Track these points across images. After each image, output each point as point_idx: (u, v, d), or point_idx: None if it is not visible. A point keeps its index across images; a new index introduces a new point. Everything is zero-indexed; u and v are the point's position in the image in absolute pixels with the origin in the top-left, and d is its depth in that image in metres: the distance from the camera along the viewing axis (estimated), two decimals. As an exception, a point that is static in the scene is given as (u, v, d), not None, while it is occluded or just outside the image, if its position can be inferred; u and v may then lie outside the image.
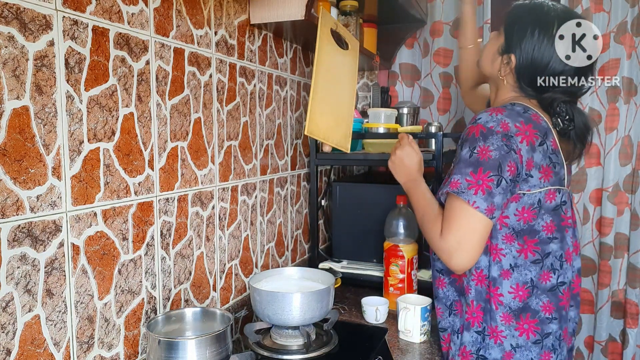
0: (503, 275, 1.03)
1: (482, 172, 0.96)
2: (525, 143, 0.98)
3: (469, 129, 1.02)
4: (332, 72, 1.43)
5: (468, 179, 0.97)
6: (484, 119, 1.00)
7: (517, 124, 0.99)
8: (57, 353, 0.83)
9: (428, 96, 2.12)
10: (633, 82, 1.79)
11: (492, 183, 0.96)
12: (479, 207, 0.96)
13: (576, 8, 1.80)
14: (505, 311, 1.03)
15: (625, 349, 1.87)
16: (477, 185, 0.96)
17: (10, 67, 0.73)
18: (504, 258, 1.03)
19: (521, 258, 1.03)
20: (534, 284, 1.03)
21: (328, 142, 1.45)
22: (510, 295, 1.03)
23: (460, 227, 0.98)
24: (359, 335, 1.20)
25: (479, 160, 0.97)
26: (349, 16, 1.66)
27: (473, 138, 0.99)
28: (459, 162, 1.00)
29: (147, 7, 1.00)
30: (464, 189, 0.97)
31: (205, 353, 0.92)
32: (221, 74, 1.27)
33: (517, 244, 1.03)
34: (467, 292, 1.07)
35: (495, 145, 0.97)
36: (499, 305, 1.03)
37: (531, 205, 1.01)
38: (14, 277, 0.75)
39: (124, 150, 0.96)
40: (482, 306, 1.06)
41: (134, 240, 0.99)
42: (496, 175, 0.96)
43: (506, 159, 0.96)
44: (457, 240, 0.98)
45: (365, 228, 1.69)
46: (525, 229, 1.02)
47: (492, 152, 0.97)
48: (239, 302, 1.39)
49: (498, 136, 0.97)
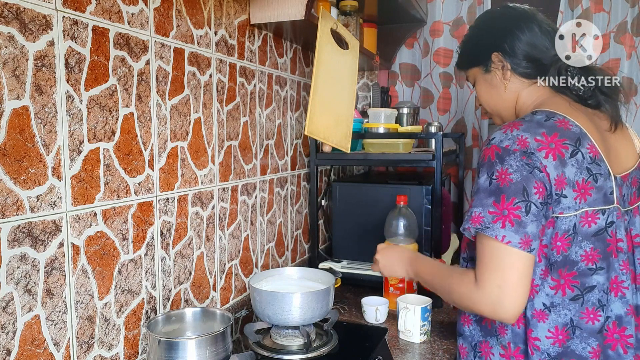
0: (537, 316, 0.89)
1: (505, 200, 0.83)
2: (552, 157, 0.84)
3: (483, 153, 0.89)
4: (332, 72, 1.43)
5: (491, 210, 0.84)
6: (498, 138, 0.88)
7: (538, 136, 0.85)
8: (57, 353, 0.83)
9: (428, 96, 2.12)
10: (633, 82, 1.79)
11: (520, 211, 0.82)
12: (510, 241, 0.82)
13: (576, 8, 1.80)
14: (543, 358, 0.88)
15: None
16: (502, 217, 0.83)
17: (10, 67, 0.73)
18: (536, 295, 0.88)
19: (558, 296, 0.88)
20: (574, 324, 0.87)
21: (328, 142, 1.45)
22: (549, 340, 0.88)
23: (496, 269, 0.83)
24: (359, 335, 1.20)
25: (499, 187, 0.84)
26: (349, 16, 1.66)
27: (489, 162, 0.87)
28: (477, 192, 0.88)
29: (147, 7, 1.00)
30: (488, 224, 0.84)
31: (205, 353, 0.92)
32: (221, 74, 1.27)
33: (551, 279, 0.88)
34: (502, 333, 0.93)
35: (514, 166, 0.84)
36: (535, 350, 0.89)
37: (565, 231, 0.86)
38: (14, 277, 0.75)
39: (124, 150, 0.96)
40: (521, 349, 0.91)
41: (134, 240, 0.99)
42: (523, 201, 0.82)
43: (530, 179, 0.83)
44: (498, 285, 0.83)
45: (365, 228, 1.69)
46: (559, 261, 0.87)
47: (513, 175, 0.83)
48: (239, 302, 1.39)
49: (516, 155, 0.84)
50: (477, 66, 1.06)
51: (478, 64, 1.05)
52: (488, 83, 1.05)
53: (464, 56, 1.11)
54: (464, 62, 1.11)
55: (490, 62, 1.02)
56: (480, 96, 1.09)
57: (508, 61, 1.00)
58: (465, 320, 1.02)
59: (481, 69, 1.05)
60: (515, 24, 0.99)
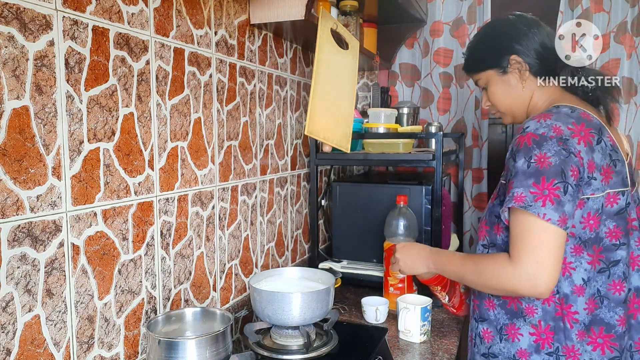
0: (577, 292, 0.96)
1: (545, 181, 0.90)
2: (583, 144, 0.92)
3: (518, 140, 0.96)
4: (332, 72, 1.43)
5: (532, 190, 0.90)
6: (533, 127, 0.94)
7: (570, 125, 0.93)
8: (57, 353, 0.83)
9: (428, 96, 2.12)
10: (633, 82, 1.79)
11: (559, 191, 0.89)
12: (550, 219, 0.88)
13: (576, 8, 1.80)
14: (580, 328, 0.96)
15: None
16: (543, 196, 0.89)
17: (10, 67, 0.73)
18: (574, 272, 0.96)
19: (592, 270, 0.96)
20: (602, 294, 0.97)
21: (328, 142, 1.45)
22: (585, 311, 0.96)
23: (535, 245, 0.89)
24: (359, 335, 1.20)
25: (538, 169, 0.90)
26: (349, 16, 1.66)
27: (526, 148, 0.93)
28: (516, 175, 0.93)
29: (147, 7, 1.00)
30: (530, 202, 0.89)
31: (205, 353, 0.92)
32: (221, 74, 1.27)
33: (587, 255, 0.96)
34: (531, 313, 1.00)
35: (552, 150, 0.91)
36: (574, 323, 0.96)
37: (596, 211, 0.95)
38: (14, 277, 0.75)
39: (124, 150, 0.96)
40: (551, 326, 0.98)
41: (134, 240, 0.99)
42: (561, 182, 0.89)
43: (567, 163, 0.90)
44: (536, 260, 0.89)
45: (365, 228, 1.69)
46: (592, 238, 0.95)
47: (552, 159, 0.90)
48: (239, 302, 1.39)
49: (553, 141, 0.91)
50: (493, 69, 1.11)
51: (493, 66, 1.11)
52: (506, 84, 1.11)
53: (475, 60, 1.16)
54: (475, 66, 1.16)
55: (507, 64, 1.08)
56: (496, 97, 1.13)
57: (526, 62, 1.06)
58: (490, 304, 1.07)
59: (497, 71, 1.11)
60: (529, 28, 1.07)
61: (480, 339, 1.10)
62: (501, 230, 1.03)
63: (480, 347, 1.10)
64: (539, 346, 0.99)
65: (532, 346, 1.00)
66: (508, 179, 0.96)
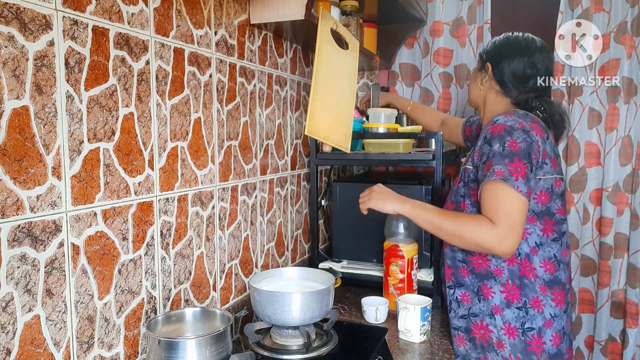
0: (532, 251, 1.17)
1: (517, 160, 1.09)
2: (540, 136, 1.14)
3: (491, 129, 1.15)
4: (332, 72, 1.43)
5: (508, 168, 1.08)
6: (502, 120, 1.15)
7: (529, 122, 1.15)
8: (57, 353, 0.83)
9: (428, 96, 2.12)
10: (633, 82, 1.79)
11: (527, 169, 1.09)
12: (521, 191, 1.08)
13: (576, 8, 1.80)
14: (541, 283, 1.16)
15: (625, 349, 1.87)
16: (516, 173, 1.08)
17: (10, 67, 0.73)
18: (529, 236, 1.16)
19: (544, 237, 1.17)
20: (558, 259, 1.18)
21: (328, 142, 1.45)
22: (542, 269, 1.16)
23: (510, 212, 1.08)
24: (359, 335, 1.20)
25: (512, 151, 1.10)
26: (349, 16, 1.66)
27: (499, 135, 1.12)
28: (494, 156, 1.11)
29: (147, 7, 1.00)
30: (508, 176, 1.08)
31: (205, 353, 0.92)
32: (221, 74, 1.27)
33: (540, 224, 1.17)
34: (499, 273, 1.18)
35: (520, 138, 1.11)
36: (536, 277, 1.16)
37: (547, 189, 1.16)
38: (14, 277, 0.75)
39: (124, 150, 0.96)
40: (517, 283, 1.17)
41: (134, 240, 0.99)
42: (528, 162, 1.10)
43: (532, 148, 1.11)
44: (511, 225, 1.07)
45: (365, 228, 1.69)
46: (543, 210, 1.17)
47: (521, 144, 1.10)
48: (239, 302, 1.39)
49: (519, 131, 1.12)
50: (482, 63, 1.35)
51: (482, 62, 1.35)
52: (473, 78, 1.39)
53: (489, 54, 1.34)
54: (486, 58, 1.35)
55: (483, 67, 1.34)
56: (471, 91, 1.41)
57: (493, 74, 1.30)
58: (464, 272, 1.24)
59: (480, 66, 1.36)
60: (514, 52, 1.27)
61: (457, 302, 1.26)
62: (467, 206, 1.22)
63: (458, 310, 1.26)
64: (509, 302, 1.18)
65: (504, 302, 1.18)
66: (484, 161, 1.14)
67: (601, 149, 1.86)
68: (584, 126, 1.86)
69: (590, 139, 1.86)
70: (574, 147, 1.88)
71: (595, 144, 1.86)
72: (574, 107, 1.86)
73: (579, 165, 1.88)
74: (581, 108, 1.85)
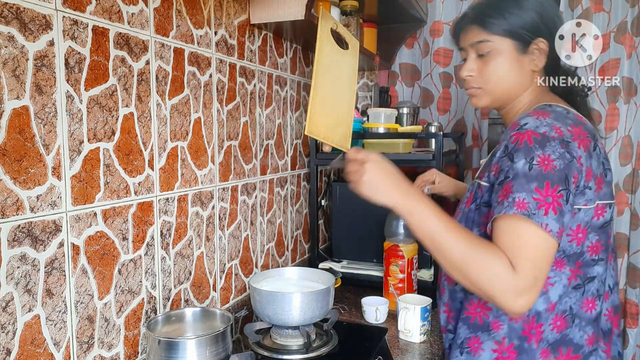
0: (550, 309, 0.87)
1: (549, 186, 0.78)
2: (583, 149, 0.82)
3: (515, 137, 0.83)
4: (332, 72, 1.43)
5: (535, 196, 0.78)
6: (532, 124, 0.83)
7: (569, 127, 0.83)
8: (57, 353, 0.82)
9: (428, 96, 2.12)
10: (633, 82, 1.79)
11: (562, 199, 0.78)
12: (552, 230, 0.77)
13: (576, 8, 1.80)
14: (544, 346, 0.87)
15: (625, 349, 1.87)
16: (547, 204, 0.77)
17: (10, 67, 0.73)
18: (551, 288, 0.86)
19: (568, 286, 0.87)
20: (573, 312, 0.87)
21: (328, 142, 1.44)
22: (550, 326, 0.87)
23: (534, 258, 0.77)
24: (359, 335, 1.20)
25: (542, 172, 0.79)
26: (349, 16, 1.66)
27: (527, 147, 0.80)
28: (516, 177, 0.80)
29: (147, 7, 1.00)
30: (534, 210, 0.77)
31: (205, 353, 0.92)
32: (221, 74, 1.27)
33: (569, 270, 0.86)
34: (496, 328, 0.90)
35: (556, 153, 0.79)
36: (540, 342, 0.87)
37: (586, 223, 0.85)
38: (14, 277, 0.75)
39: (124, 150, 0.96)
40: (515, 345, 0.89)
41: (134, 240, 0.99)
42: (565, 189, 0.79)
43: (571, 168, 0.80)
44: (535, 276, 0.77)
45: (365, 228, 1.68)
46: (577, 253, 0.86)
47: (556, 162, 0.79)
48: (239, 302, 1.39)
49: (556, 142, 0.80)
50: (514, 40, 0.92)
51: (517, 38, 0.92)
52: (517, 64, 0.93)
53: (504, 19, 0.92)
54: (498, 25, 0.93)
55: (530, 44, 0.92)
56: (497, 72, 0.94)
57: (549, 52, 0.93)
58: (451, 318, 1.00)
59: (517, 45, 0.92)
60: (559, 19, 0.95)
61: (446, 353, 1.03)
62: None
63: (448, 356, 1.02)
64: None
65: None
66: (502, 181, 0.82)
67: (601, 149, 1.86)
68: (584, 126, 1.86)
69: (590, 139, 1.86)
70: (574, 147, 1.88)
71: (595, 144, 1.86)
72: (574, 107, 1.86)
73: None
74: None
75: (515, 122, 0.86)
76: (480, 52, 0.95)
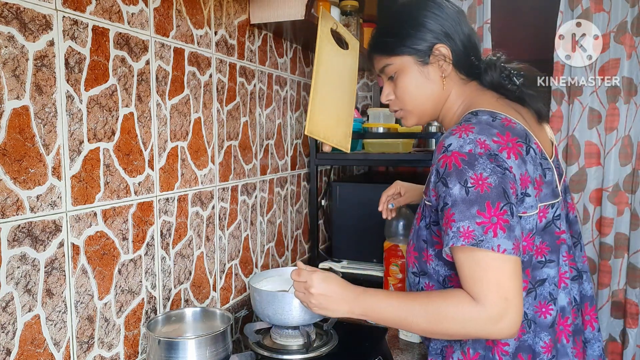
0: None
1: (491, 206, 0.76)
2: (514, 157, 0.79)
3: (443, 160, 0.80)
4: (332, 72, 1.43)
5: (479, 221, 0.75)
6: (456, 144, 0.80)
7: (494, 137, 0.80)
8: (57, 353, 0.83)
9: (428, 96, 2.12)
10: (633, 82, 1.79)
11: (507, 215, 0.76)
12: (505, 249, 0.75)
13: (576, 8, 1.80)
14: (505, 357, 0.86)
15: (625, 349, 1.87)
16: (492, 225, 0.75)
17: (10, 67, 0.73)
18: None
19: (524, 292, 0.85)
20: (529, 317, 0.85)
21: (328, 142, 1.45)
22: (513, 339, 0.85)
23: (497, 281, 0.76)
24: (359, 335, 1.20)
25: (479, 194, 0.76)
26: (349, 16, 1.66)
27: (457, 170, 0.78)
28: (455, 204, 0.78)
29: (147, 7, 1.00)
30: (480, 237, 0.75)
31: (205, 353, 0.92)
32: (221, 73, 1.27)
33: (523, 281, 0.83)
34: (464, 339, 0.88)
35: (487, 169, 0.77)
36: (504, 355, 0.85)
37: (530, 230, 0.83)
38: (14, 277, 0.75)
39: (124, 150, 0.96)
40: (480, 354, 0.86)
41: (134, 240, 0.99)
42: (507, 204, 0.76)
43: (505, 181, 0.77)
44: (504, 297, 0.75)
45: (365, 228, 1.69)
46: (526, 261, 0.84)
47: (490, 179, 0.76)
48: (239, 302, 1.39)
49: (484, 158, 0.78)
50: (412, 55, 0.93)
51: (414, 52, 0.92)
52: (423, 77, 0.93)
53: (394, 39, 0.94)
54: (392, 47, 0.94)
55: (430, 54, 0.92)
56: (408, 91, 0.95)
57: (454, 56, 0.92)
58: None
59: (416, 59, 0.92)
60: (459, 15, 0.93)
61: None
62: (430, 258, 0.90)
63: None
64: None
65: None
66: (442, 207, 0.80)
67: (601, 149, 1.86)
68: (584, 126, 1.86)
69: (590, 139, 1.86)
70: (574, 147, 1.88)
71: (595, 144, 1.86)
72: (573, 107, 1.86)
73: (579, 165, 1.88)
74: (581, 108, 1.85)
75: (441, 142, 0.84)
76: (388, 75, 0.97)
